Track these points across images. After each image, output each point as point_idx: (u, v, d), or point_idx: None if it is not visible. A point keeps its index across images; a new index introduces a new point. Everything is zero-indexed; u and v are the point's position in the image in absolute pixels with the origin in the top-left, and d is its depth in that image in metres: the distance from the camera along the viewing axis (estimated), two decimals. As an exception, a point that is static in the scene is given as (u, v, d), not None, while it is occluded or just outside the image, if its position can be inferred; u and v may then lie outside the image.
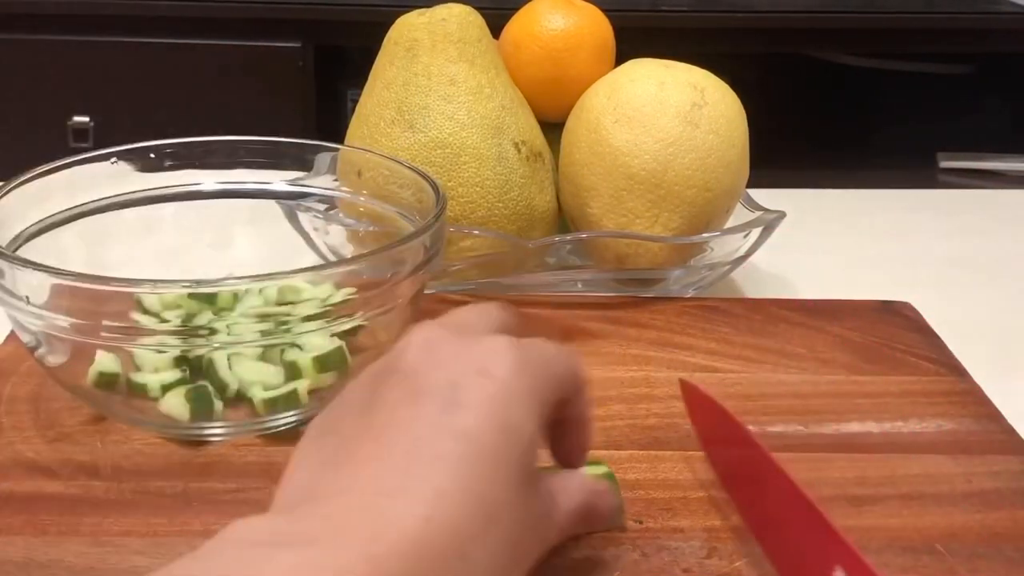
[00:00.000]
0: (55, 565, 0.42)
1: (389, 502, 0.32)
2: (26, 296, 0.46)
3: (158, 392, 0.50)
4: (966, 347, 0.60)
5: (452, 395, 0.35)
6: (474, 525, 0.33)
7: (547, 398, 0.38)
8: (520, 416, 0.36)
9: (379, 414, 0.36)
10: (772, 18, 1.57)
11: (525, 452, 0.36)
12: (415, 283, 0.50)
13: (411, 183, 0.57)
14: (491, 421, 0.35)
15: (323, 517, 0.32)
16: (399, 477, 0.33)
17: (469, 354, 0.37)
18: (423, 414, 0.35)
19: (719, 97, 0.64)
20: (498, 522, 0.34)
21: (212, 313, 0.52)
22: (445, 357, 0.37)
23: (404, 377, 0.36)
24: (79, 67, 1.50)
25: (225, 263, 0.58)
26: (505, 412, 0.35)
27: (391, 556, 0.31)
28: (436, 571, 0.31)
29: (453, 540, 0.32)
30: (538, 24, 0.69)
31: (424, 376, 0.36)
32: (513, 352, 0.37)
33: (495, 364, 0.36)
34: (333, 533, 0.31)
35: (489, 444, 0.34)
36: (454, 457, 0.34)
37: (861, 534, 0.45)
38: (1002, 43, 1.62)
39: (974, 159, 1.55)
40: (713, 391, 0.55)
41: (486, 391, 0.35)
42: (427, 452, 0.34)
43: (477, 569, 0.33)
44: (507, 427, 0.35)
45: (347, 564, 0.30)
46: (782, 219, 0.65)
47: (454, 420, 0.34)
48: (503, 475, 0.34)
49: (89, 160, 0.57)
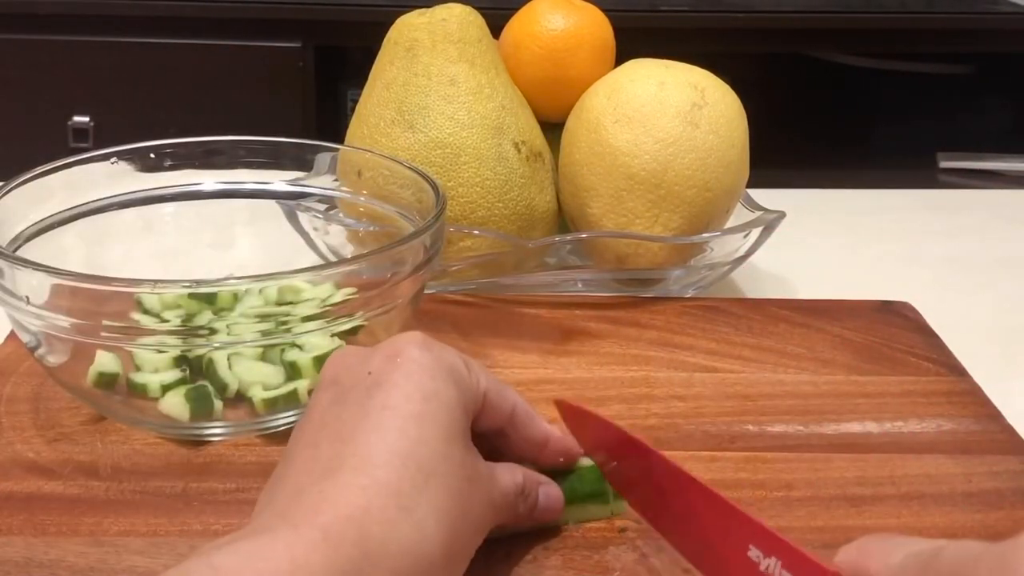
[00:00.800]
0: (55, 565, 0.42)
1: (327, 481, 0.35)
2: (26, 296, 0.46)
3: (158, 392, 0.50)
4: (966, 347, 0.60)
5: (372, 381, 0.39)
6: (412, 481, 0.36)
7: (463, 374, 0.40)
8: (438, 384, 0.39)
9: (314, 425, 0.39)
10: (772, 18, 1.57)
11: (449, 413, 0.39)
12: (415, 283, 0.50)
13: (411, 183, 0.57)
14: (412, 392, 0.38)
15: (272, 512, 0.35)
16: (334, 459, 0.37)
17: (379, 349, 0.41)
18: (350, 405, 0.39)
19: (719, 97, 0.64)
20: (435, 475, 0.37)
21: (212, 313, 0.52)
22: (359, 358, 0.41)
23: (328, 388, 0.40)
24: (79, 67, 1.50)
25: (225, 263, 0.58)
26: (422, 381, 0.39)
27: (337, 522, 0.34)
28: (385, 527, 0.34)
29: (395, 498, 0.35)
30: (538, 24, 0.69)
31: (344, 379, 0.40)
32: (419, 336, 0.41)
33: (404, 347, 0.40)
34: (282, 518, 0.34)
35: (413, 410, 0.38)
36: (381, 428, 0.37)
37: (861, 534, 0.44)
38: (1002, 43, 1.62)
39: (974, 159, 1.55)
40: (713, 391, 0.55)
41: (401, 369, 0.39)
42: (357, 432, 0.37)
43: (424, 518, 0.36)
44: (427, 394, 0.38)
45: (298, 537, 0.33)
46: (782, 219, 0.65)
47: (376, 400, 0.38)
48: (431, 434, 0.37)
49: (89, 160, 0.57)
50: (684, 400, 0.54)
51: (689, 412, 0.53)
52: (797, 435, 0.52)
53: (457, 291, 0.65)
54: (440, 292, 0.64)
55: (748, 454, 0.50)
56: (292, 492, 0.36)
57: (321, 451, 0.37)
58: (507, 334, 0.60)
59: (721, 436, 0.51)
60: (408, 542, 0.35)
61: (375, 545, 0.34)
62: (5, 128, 1.48)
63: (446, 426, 0.38)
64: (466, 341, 0.59)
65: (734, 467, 0.49)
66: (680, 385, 0.56)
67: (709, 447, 0.51)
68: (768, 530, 0.36)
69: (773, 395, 0.55)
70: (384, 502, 0.35)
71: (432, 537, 0.36)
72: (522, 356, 0.58)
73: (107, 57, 1.50)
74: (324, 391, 0.40)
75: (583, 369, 0.57)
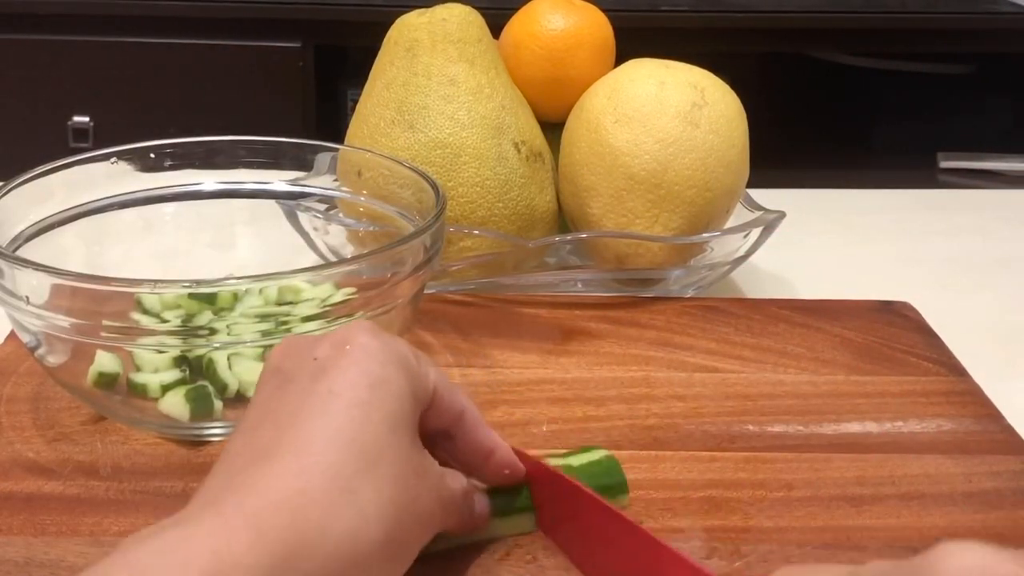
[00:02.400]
0: (55, 565, 0.42)
1: (262, 466, 0.34)
2: (26, 296, 0.46)
3: (158, 392, 0.50)
4: (966, 347, 0.60)
5: (318, 367, 0.37)
6: (355, 465, 0.34)
7: (412, 364, 0.39)
8: (387, 371, 0.37)
9: (256, 412, 0.37)
10: (772, 18, 1.57)
11: (396, 400, 0.37)
12: (415, 283, 0.50)
13: (411, 183, 0.57)
14: (358, 378, 0.37)
15: (202, 500, 0.34)
16: (272, 444, 0.35)
17: (326, 337, 0.39)
18: (294, 391, 0.37)
19: (719, 97, 0.64)
20: (380, 461, 0.35)
21: (212, 313, 0.52)
22: (304, 346, 0.39)
23: (272, 376, 0.39)
24: (79, 67, 1.50)
25: (225, 263, 0.58)
26: (369, 368, 0.37)
27: (268, 508, 0.32)
28: (325, 509, 0.33)
29: (335, 480, 0.34)
30: (538, 24, 0.69)
31: (288, 366, 0.38)
32: (367, 323, 0.40)
33: (352, 335, 0.38)
34: (210, 506, 0.33)
35: (359, 396, 0.36)
36: (324, 412, 0.35)
37: (861, 534, 0.45)
38: (1002, 43, 1.62)
39: (974, 159, 1.55)
40: (713, 391, 0.55)
41: (349, 356, 0.37)
42: (298, 416, 0.36)
43: (365, 501, 0.34)
44: (374, 381, 0.37)
45: (222, 525, 0.31)
46: (782, 219, 0.65)
47: (321, 385, 0.37)
48: (376, 421, 0.36)
49: (89, 160, 0.57)
50: (684, 400, 0.54)
51: (689, 412, 0.53)
52: (797, 435, 0.52)
53: (457, 291, 0.65)
54: (440, 292, 0.64)
55: (748, 454, 0.50)
56: (224, 478, 0.34)
57: (259, 435, 0.36)
58: (507, 334, 0.60)
59: (721, 436, 0.51)
60: (349, 526, 0.33)
61: (312, 530, 0.32)
62: (5, 128, 1.49)
63: (393, 414, 0.37)
64: (466, 341, 0.59)
65: (734, 467, 0.49)
66: (680, 385, 0.56)
67: (709, 447, 0.51)
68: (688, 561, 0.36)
69: (773, 395, 0.55)
70: (325, 484, 0.33)
71: (374, 522, 0.34)
72: (522, 356, 0.58)
73: (107, 57, 1.50)
74: (267, 379, 0.39)
75: (583, 369, 0.57)
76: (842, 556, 0.43)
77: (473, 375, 0.56)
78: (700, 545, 0.44)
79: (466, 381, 0.55)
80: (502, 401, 0.54)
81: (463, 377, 0.56)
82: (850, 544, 0.44)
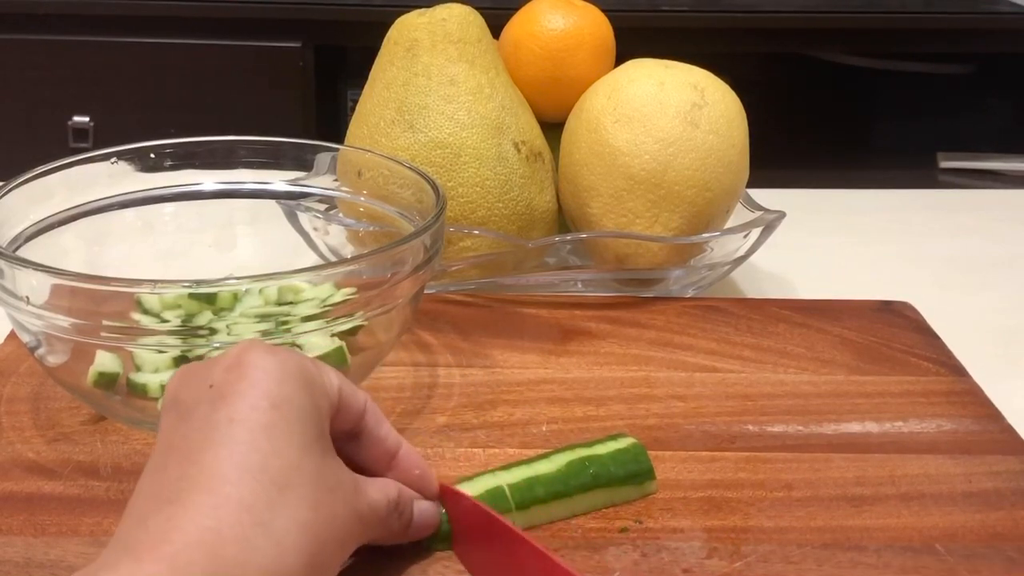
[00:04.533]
0: (55, 565, 0.42)
1: (174, 506, 0.33)
2: (26, 296, 0.46)
3: (158, 392, 0.49)
4: (966, 347, 0.60)
5: (215, 394, 0.36)
6: (265, 496, 0.34)
7: (312, 374, 0.38)
8: (285, 389, 0.36)
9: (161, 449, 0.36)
10: (772, 18, 1.57)
11: (301, 419, 0.36)
12: (415, 283, 0.50)
13: (411, 183, 0.57)
14: (257, 400, 0.36)
15: (118, 546, 0.33)
16: (181, 481, 0.34)
17: (219, 361, 0.38)
18: (195, 422, 0.36)
19: (719, 97, 0.64)
20: (291, 486, 0.34)
21: (212, 313, 0.52)
22: (198, 373, 0.38)
23: (171, 409, 0.37)
24: (79, 67, 1.50)
25: (225, 263, 0.58)
26: (268, 389, 0.36)
27: (185, 549, 0.32)
28: (240, 545, 0.32)
29: (248, 513, 0.33)
30: (538, 24, 0.69)
31: (185, 396, 0.37)
32: (258, 341, 0.39)
33: (245, 355, 0.37)
34: (126, 551, 0.32)
35: (262, 420, 0.35)
36: (229, 443, 0.34)
37: (861, 534, 0.45)
38: (1002, 43, 1.62)
39: (974, 159, 1.55)
40: (713, 391, 0.55)
41: (245, 379, 0.36)
42: (203, 450, 0.35)
43: (283, 533, 0.34)
44: (275, 401, 0.36)
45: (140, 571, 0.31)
46: (782, 219, 0.65)
47: (221, 413, 0.35)
48: (283, 444, 0.35)
49: (89, 160, 0.57)
50: (684, 400, 0.54)
51: (689, 412, 0.53)
52: (797, 435, 0.52)
53: (457, 291, 0.65)
54: (440, 292, 0.64)
55: (748, 454, 0.50)
56: (137, 521, 0.34)
57: (168, 474, 0.35)
58: (507, 334, 0.60)
59: (721, 436, 0.51)
60: (266, 559, 0.33)
61: (231, 567, 0.32)
62: (5, 128, 1.49)
63: (300, 433, 0.36)
64: (466, 341, 0.59)
65: (734, 467, 0.49)
66: (680, 385, 0.56)
67: (709, 447, 0.51)
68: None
69: (773, 395, 0.55)
70: (237, 519, 0.33)
71: (292, 552, 0.34)
72: (522, 356, 0.58)
73: (107, 57, 1.50)
74: (167, 414, 0.37)
75: (583, 369, 0.57)
76: (842, 556, 0.43)
77: (473, 375, 0.56)
78: (700, 545, 0.44)
79: (466, 381, 0.55)
80: (502, 401, 0.54)
81: (463, 377, 0.56)
82: (850, 544, 0.44)
